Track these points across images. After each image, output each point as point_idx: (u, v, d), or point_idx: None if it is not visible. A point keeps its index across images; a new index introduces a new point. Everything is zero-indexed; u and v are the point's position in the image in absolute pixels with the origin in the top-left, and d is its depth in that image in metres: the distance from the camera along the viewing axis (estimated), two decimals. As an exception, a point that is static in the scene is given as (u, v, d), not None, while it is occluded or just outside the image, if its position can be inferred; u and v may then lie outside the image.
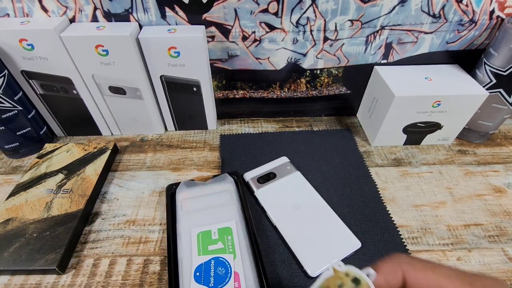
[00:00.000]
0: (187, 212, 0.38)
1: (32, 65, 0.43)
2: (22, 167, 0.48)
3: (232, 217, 0.37)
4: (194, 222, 0.37)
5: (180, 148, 0.51)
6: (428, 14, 0.44)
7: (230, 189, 0.41)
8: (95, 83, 0.46)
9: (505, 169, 0.47)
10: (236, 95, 0.54)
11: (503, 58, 0.43)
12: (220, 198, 0.40)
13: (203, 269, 0.32)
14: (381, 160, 0.49)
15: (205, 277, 0.32)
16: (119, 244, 0.38)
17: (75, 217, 0.38)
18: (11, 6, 0.41)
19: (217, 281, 0.32)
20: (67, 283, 0.34)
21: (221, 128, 0.55)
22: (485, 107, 0.47)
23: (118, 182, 0.46)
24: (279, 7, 0.42)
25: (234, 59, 0.48)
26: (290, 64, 0.49)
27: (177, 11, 0.42)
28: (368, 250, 0.37)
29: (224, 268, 0.32)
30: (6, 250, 0.35)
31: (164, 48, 0.42)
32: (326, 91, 0.54)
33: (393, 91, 0.44)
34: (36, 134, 0.49)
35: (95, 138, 0.54)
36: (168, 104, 0.50)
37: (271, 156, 0.48)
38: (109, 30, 0.41)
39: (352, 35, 0.46)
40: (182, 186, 0.41)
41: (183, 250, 0.35)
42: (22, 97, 0.46)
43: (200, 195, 0.40)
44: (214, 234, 0.36)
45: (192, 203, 0.39)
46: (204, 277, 0.32)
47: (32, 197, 0.40)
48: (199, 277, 0.32)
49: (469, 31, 0.46)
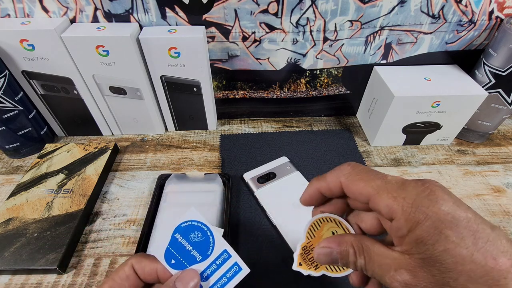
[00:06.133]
0: (169, 205, 0.39)
1: (33, 65, 0.43)
2: (23, 167, 0.48)
3: (208, 218, 0.37)
4: (171, 216, 0.38)
5: (180, 148, 0.51)
6: (428, 15, 0.44)
7: (216, 190, 0.41)
8: (96, 83, 0.46)
9: (504, 169, 0.47)
10: (236, 95, 0.54)
11: (502, 58, 0.43)
12: (204, 198, 0.40)
13: (174, 250, 0.24)
14: (381, 160, 0.49)
15: (182, 255, 0.24)
16: (119, 243, 0.38)
17: (76, 217, 0.38)
18: (11, 7, 0.41)
19: (201, 250, 0.24)
20: (67, 283, 0.34)
21: (221, 128, 0.55)
22: (484, 107, 0.47)
23: (119, 182, 0.46)
24: (279, 7, 0.42)
25: (234, 60, 0.48)
26: (290, 65, 0.49)
27: (177, 11, 0.43)
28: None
29: (199, 231, 0.25)
30: (7, 249, 0.35)
31: (164, 48, 0.43)
32: (326, 91, 0.54)
33: (392, 91, 0.44)
34: (37, 134, 0.49)
35: (95, 138, 0.54)
36: (168, 104, 0.51)
37: (271, 156, 0.48)
38: (110, 31, 0.41)
39: (351, 36, 0.46)
40: (173, 179, 0.42)
41: (155, 240, 0.36)
42: (23, 97, 0.46)
43: (185, 191, 0.41)
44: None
45: (176, 197, 0.40)
46: (181, 255, 0.24)
47: (33, 197, 0.40)
48: (175, 264, 0.24)
49: (469, 32, 0.46)
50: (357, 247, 0.20)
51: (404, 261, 0.18)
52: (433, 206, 0.17)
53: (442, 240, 0.16)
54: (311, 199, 0.24)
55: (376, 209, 0.20)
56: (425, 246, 0.17)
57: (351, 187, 0.21)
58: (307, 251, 0.24)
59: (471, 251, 0.16)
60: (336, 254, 0.21)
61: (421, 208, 0.17)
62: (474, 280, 0.15)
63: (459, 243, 0.16)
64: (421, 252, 0.17)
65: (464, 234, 0.16)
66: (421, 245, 0.17)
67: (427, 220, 0.17)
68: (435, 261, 0.16)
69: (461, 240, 0.16)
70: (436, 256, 0.16)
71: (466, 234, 0.16)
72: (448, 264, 0.16)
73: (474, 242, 0.16)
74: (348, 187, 0.21)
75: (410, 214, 0.17)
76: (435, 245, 0.16)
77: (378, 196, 0.19)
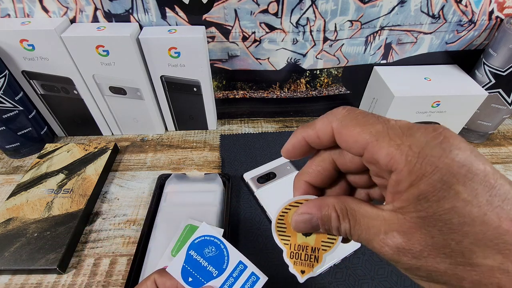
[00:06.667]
0: (169, 205, 0.39)
1: (33, 65, 0.43)
2: (23, 167, 0.48)
3: (208, 218, 0.38)
4: (172, 216, 0.38)
5: (180, 148, 0.51)
6: (428, 15, 0.44)
7: (216, 190, 0.41)
8: (96, 83, 0.46)
9: (504, 169, 0.47)
10: (236, 95, 0.54)
11: (502, 58, 0.43)
12: (204, 198, 0.40)
13: (190, 268, 0.24)
14: (381, 160, 0.49)
15: (198, 272, 0.24)
16: (119, 243, 0.38)
17: (76, 217, 0.38)
18: (11, 7, 0.41)
19: (216, 264, 0.24)
20: (67, 283, 0.34)
21: (221, 128, 0.55)
22: (484, 107, 0.47)
23: (119, 182, 0.46)
24: (279, 7, 0.42)
25: (234, 60, 0.48)
26: (290, 65, 0.49)
27: (177, 11, 0.43)
28: (367, 249, 0.37)
29: (213, 245, 0.25)
30: (7, 249, 0.35)
31: (164, 48, 0.43)
32: (326, 91, 0.54)
33: (392, 91, 0.44)
34: (37, 134, 0.49)
35: (95, 138, 0.54)
36: (168, 104, 0.51)
37: (271, 156, 0.48)
38: (110, 31, 0.41)
39: (351, 36, 0.46)
40: (173, 179, 0.42)
41: (156, 239, 0.36)
42: (23, 97, 0.46)
43: (185, 191, 0.41)
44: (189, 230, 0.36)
45: (176, 197, 0.40)
46: (198, 272, 0.24)
47: (33, 197, 0.40)
48: (193, 282, 0.24)
49: (468, 32, 0.46)
50: (340, 209, 0.18)
51: (396, 221, 0.15)
52: (446, 157, 0.14)
53: (450, 197, 0.13)
54: (294, 150, 0.20)
55: (373, 159, 0.16)
56: (428, 203, 0.14)
57: (344, 134, 0.17)
58: (295, 254, 0.22)
59: (483, 211, 0.13)
60: (316, 220, 0.18)
61: (430, 159, 0.14)
62: (483, 243, 0.13)
63: (471, 201, 0.13)
64: (421, 210, 0.14)
65: (479, 191, 0.13)
66: (422, 202, 0.14)
67: (436, 172, 0.14)
68: (437, 220, 0.14)
69: (473, 198, 0.13)
70: (440, 215, 0.14)
71: (481, 191, 0.13)
72: (453, 224, 0.13)
73: (489, 200, 0.13)
74: (341, 134, 0.17)
75: (415, 165, 0.14)
76: (440, 202, 0.14)
77: (377, 144, 0.15)
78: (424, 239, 0.14)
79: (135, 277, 0.33)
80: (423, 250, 0.14)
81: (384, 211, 0.16)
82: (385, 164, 0.15)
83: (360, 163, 0.18)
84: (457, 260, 0.13)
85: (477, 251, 0.13)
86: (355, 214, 0.17)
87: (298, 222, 0.19)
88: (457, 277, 0.14)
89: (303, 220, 0.19)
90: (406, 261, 0.15)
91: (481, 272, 0.13)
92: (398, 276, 0.35)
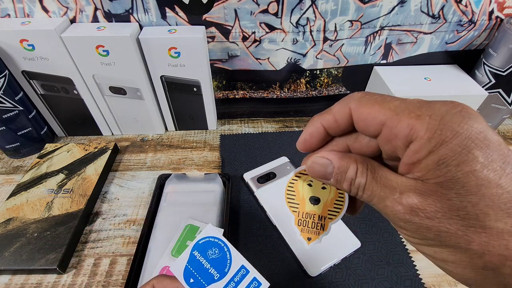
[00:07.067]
0: (169, 205, 0.39)
1: (33, 65, 0.43)
2: (23, 167, 0.48)
3: (208, 218, 0.38)
4: (172, 216, 0.38)
5: (180, 148, 0.51)
6: (428, 15, 0.44)
7: (216, 190, 0.41)
8: (96, 83, 0.46)
9: (504, 169, 0.47)
10: (236, 95, 0.54)
11: (502, 58, 0.43)
12: (204, 198, 0.40)
13: (192, 268, 0.24)
14: (381, 160, 0.49)
15: (200, 274, 0.24)
16: (119, 243, 0.38)
17: (76, 217, 0.38)
18: (12, 7, 0.41)
19: (218, 267, 0.24)
20: (67, 283, 0.34)
21: (221, 128, 0.55)
22: (484, 107, 0.47)
23: (119, 182, 0.46)
24: (279, 7, 0.42)
25: (234, 60, 0.48)
26: (290, 65, 0.49)
27: (177, 11, 0.43)
28: (367, 249, 0.37)
29: (217, 247, 0.25)
30: (7, 249, 0.35)
31: (164, 48, 0.43)
32: (326, 91, 0.54)
33: (392, 91, 0.44)
34: (37, 134, 0.49)
35: (95, 138, 0.54)
36: (168, 104, 0.51)
37: (271, 156, 0.48)
38: (110, 31, 0.41)
39: (351, 36, 0.46)
40: (173, 179, 0.42)
41: (156, 239, 0.36)
42: (23, 97, 0.46)
43: (185, 191, 0.41)
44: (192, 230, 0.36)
45: (176, 197, 0.40)
46: (199, 274, 0.24)
47: (33, 197, 0.40)
48: (194, 283, 0.24)
49: (468, 32, 0.46)
50: (361, 164, 0.18)
51: (414, 184, 0.15)
52: (465, 123, 0.14)
53: (469, 161, 0.14)
54: (311, 139, 0.20)
55: (392, 135, 0.16)
56: (447, 167, 0.14)
57: (362, 112, 0.17)
58: (303, 221, 0.22)
59: (499, 175, 0.14)
60: (331, 168, 0.18)
61: (450, 125, 0.14)
62: (497, 206, 0.14)
63: (488, 165, 0.14)
64: (440, 175, 0.15)
65: (494, 157, 0.14)
66: (442, 167, 0.15)
67: (456, 137, 0.14)
68: (455, 183, 0.14)
69: (490, 162, 0.14)
70: (459, 178, 0.14)
71: (496, 157, 0.14)
72: (471, 186, 0.14)
73: (502, 167, 0.14)
74: (359, 113, 0.17)
75: (436, 132, 0.15)
76: (460, 165, 0.14)
77: (397, 117, 0.16)
78: (440, 201, 0.15)
79: (135, 277, 0.33)
80: (437, 211, 0.15)
81: (403, 176, 0.16)
82: (405, 136, 0.16)
83: (375, 147, 0.18)
84: (470, 222, 0.14)
85: (491, 214, 0.14)
86: (374, 171, 0.17)
87: (314, 163, 0.19)
88: (467, 238, 0.14)
89: (321, 163, 0.19)
90: (418, 220, 0.15)
91: (491, 234, 0.14)
92: (398, 276, 0.35)
